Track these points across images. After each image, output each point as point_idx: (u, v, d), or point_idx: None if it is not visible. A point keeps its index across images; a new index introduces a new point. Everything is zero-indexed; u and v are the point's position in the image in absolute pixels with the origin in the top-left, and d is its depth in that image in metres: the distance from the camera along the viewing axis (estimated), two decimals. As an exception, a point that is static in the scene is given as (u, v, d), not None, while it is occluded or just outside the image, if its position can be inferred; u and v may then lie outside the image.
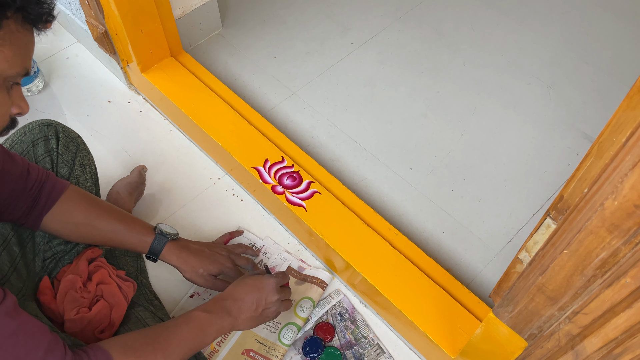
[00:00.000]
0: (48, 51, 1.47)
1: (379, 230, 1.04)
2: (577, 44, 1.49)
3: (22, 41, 0.55)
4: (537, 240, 0.60)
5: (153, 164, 1.25)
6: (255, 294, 0.83)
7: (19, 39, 0.55)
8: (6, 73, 0.55)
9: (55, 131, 0.89)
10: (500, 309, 0.61)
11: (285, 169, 1.11)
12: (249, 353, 0.99)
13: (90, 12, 1.23)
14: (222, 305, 0.81)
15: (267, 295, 0.84)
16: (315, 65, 1.43)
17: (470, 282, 1.08)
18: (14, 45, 0.54)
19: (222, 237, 1.09)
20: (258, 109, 1.33)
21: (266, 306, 0.84)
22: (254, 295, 0.83)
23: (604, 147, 0.47)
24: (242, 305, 0.82)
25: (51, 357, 0.60)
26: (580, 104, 1.36)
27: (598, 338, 0.48)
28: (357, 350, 1.00)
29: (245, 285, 0.84)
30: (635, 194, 0.36)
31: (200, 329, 0.76)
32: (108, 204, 0.89)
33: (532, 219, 1.17)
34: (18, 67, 0.56)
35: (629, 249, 0.40)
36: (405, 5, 1.58)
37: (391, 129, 1.31)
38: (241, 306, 0.82)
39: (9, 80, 0.56)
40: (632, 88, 0.44)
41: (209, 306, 0.80)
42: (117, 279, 0.88)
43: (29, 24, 0.55)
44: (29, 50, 0.57)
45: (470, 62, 1.45)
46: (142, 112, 1.36)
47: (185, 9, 1.37)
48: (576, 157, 1.26)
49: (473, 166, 1.24)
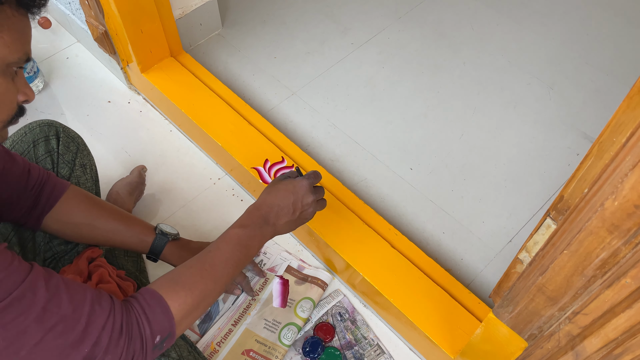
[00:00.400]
0: (48, 51, 1.47)
1: (379, 231, 1.04)
2: (577, 44, 1.49)
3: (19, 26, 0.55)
4: (537, 241, 0.60)
5: (153, 164, 1.25)
6: (290, 197, 0.81)
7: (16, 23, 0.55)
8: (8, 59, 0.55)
9: (55, 131, 0.89)
10: (501, 309, 0.61)
11: (285, 169, 1.11)
12: (249, 353, 0.99)
13: (90, 12, 1.23)
14: (258, 215, 0.78)
15: (303, 197, 0.82)
16: (315, 65, 1.43)
17: (470, 283, 1.08)
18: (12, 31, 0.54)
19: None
20: (258, 109, 1.33)
21: (303, 208, 0.82)
22: (290, 199, 0.81)
23: (604, 147, 0.47)
24: (279, 211, 0.80)
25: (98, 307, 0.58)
26: (580, 104, 1.36)
27: (598, 338, 0.48)
28: (357, 351, 1.00)
29: (278, 190, 0.81)
30: (635, 195, 0.36)
31: (242, 245, 0.75)
32: (109, 204, 0.89)
33: (532, 219, 1.16)
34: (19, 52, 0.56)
35: (629, 250, 0.40)
36: (405, 5, 1.58)
37: (391, 129, 1.31)
38: (278, 212, 0.80)
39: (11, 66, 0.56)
40: (632, 88, 0.44)
41: (245, 220, 0.78)
42: (117, 278, 0.88)
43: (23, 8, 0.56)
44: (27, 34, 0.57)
45: (470, 62, 1.45)
46: (142, 112, 1.36)
47: (185, 9, 1.37)
48: (576, 157, 1.26)
49: (473, 166, 1.24)
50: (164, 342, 0.63)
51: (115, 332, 0.58)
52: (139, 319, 0.61)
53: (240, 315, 1.03)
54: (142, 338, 0.60)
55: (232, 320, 1.02)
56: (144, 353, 0.60)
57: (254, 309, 1.03)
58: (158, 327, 0.62)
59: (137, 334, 0.60)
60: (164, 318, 0.62)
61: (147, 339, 0.60)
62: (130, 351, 0.59)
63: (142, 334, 0.60)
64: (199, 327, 1.02)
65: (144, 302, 0.63)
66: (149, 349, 0.61)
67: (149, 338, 0.61)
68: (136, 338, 0.60)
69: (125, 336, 0.59)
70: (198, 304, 0.67)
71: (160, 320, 0.62)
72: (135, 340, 0.59)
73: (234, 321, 1.02)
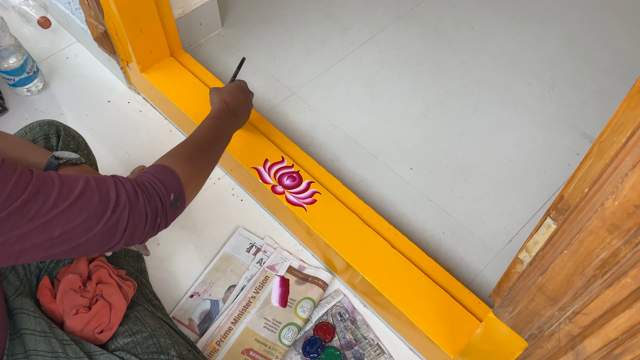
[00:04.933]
0: (48, 51, 1.47)
1: (379, 231, 1.04)
2: (577, 44, 1.49)
3: None
4: (537, 241, 0.60)
5: (153, 164, 1.24)
6: (240, 94, 1.02)
7: None
8: None
9: (56, 130, 0.89)
10: (501, 309, 0.61)
11: (285, 169, 1.11)
12: (249, 352, 0.99)
13: (90, 12, 1.23)
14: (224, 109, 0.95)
15: (246, 91, 1.05)
16: (315, 65, 1.43)
17: (470, 283, 1.08)
18: None
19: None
20: (258, 109, 1.33)
21: (249, 98, 1.06)
22: (240, 94, 1.02)
23: (604, 147, 0.47)
24: (237, 104, 0.99)
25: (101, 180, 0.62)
26: (580, 104, 1.36)
27: (598, 338, 0.48)
28: (357, 351, 1.00)
29: (229, 91, 1.00)
30: (635, 194, 0.36)
31: (219, 130, 0.89)
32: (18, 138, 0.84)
33: (532, 219, 1.16)
34: None
35: (629, 249, 0.40)
36: (405, 5, 1.58)
37: (391, 129, 1.31)
38: (237, 105, 0.99)
39: None
40: (632, 88, 0.44)
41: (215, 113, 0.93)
42: (117, 278, 0.88)
43: None
44: None
45: (470, 62, 1.45)
46: (142, 112, 1.36)
47: (185, 8, 1.37)
48: (576, 157, 1.26)
49: (473, 166, 1.24)
50: (178, 202, 0.69)
51: (130, 191, 0.63)
52: (150, 180, 0.67)
53: (240, 313, 1.03)
54: (159, 194, 0.66)
55: (232, 318, 1.02)
56: (164, 210, 0.66)
57: (253, 307, 1.03)
58: (170, 186, 0.68)
59: (153, 191, 0.66)
60: (172, 178, 0.69)
61: (164, 196, 0.66)
62: (153, 207, 0.65)
63: (158, 191, 0.66)
64: (198, 327, 1.02)
65: (151, 169, 0.70)
66: (168, 206, 0.67)
67: (165, 195, 0.67)
68: (154, 195, 0.65)
69: (142, 194, 0.64)
70: (199, 171, 0.77)
71: (170, 180, 0.69)
72: (154, 198, 0.65)
73: (234, 319, 1.02)
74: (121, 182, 0.63)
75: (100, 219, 0.60)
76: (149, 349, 0.78)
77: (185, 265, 1.10)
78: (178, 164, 0.73)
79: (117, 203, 0.61)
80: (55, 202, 0.56)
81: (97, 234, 0.60)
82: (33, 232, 0.55)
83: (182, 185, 0.70)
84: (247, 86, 1.07)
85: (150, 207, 0.64)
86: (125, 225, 0.62)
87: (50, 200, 0.56)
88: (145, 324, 0.85)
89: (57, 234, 0.57)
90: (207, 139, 0.85)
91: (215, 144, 0.86)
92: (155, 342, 0.79)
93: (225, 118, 0.94)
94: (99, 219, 0.60)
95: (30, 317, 0.76)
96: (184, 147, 0.79)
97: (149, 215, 0.64)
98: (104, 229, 0.60)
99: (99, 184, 0.61)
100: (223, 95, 0.99)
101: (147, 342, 0.79)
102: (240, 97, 1.01)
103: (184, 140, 0.82)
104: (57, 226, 0.57)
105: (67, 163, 0.80)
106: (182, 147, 0.80)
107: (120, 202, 0.62)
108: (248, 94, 1.06)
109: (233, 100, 0.99)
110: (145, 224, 0.64)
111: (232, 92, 1.01)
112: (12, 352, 0.75)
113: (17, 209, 0.53)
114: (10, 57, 1.28)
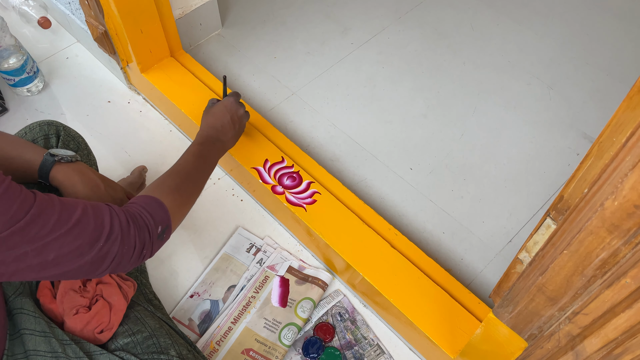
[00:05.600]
0: (48, 51, 1.47)
1: (379, 231, 1.04)
2: (577, 44, 1.49)
3: None
4: (537, 241, 0.60)
5: (153, 164, 1.24)
6: (227, 115, 0.99)
7: None
8: None
9: (56, 130, 0.89)
10: (500, 310, 0.61)
11: (285, 169, 1.11)
12: (249, 352, 0.99)
13: (90, 12, 1.23)
14: (208, 135, 0.95)
15: (236, 111, 1.01)
16: (315, 65, 1.43)
17: (470, 283, 1.08)
18: None
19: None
20: (258, 109, 1.33)
21: (239, 121, 1.02)
22: (227, 116, 0.99)
23: (604, 147, 0.47)
24: (223, 128, 0.98)
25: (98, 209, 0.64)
26: (580, 104, 1.36)
27: (598, 338, 0.48)
28: (357, 351, 1.00)
29: (215, 114, 0.99)
30: (635, 194, 0.36)
31: (203, 157, 0.90)
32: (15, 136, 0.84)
33: (532, 219, 1.16)
34: None
35: (629, 249, 0.40)
36: (405, 5, 1.58)
37: (391, 129, 1.31)
38: (223, 129, 0.98)
39: None
40: (632, 88, 0.44)
41: (200, 139, 0.93)
42: (117, 278, 0.88)
43: None
44: None
45: (470, 62, 1.45)
46: (142, 112, 1.36)
47: (185, 9, 1.37)
48: (576, 157, 1.26)
49: (473, 166, 1.24)
50: (164, 233, 0.72)
51: (123, 222, 0.65)
52: (141, 212, 0.69)
53: (240, 313, 1.03)
54: (148, 227, 0.68)
55: (232, 318, 1.02)
56: (151, 242, 0.69)
57: (253, 307, 1.03)
58: (158, 218, 0.70)
59: (143, 224, 0.68)
60: (160, 210, 0.72)
61: (152, 228, 0.69)
62: (142, 239, 0.67)
63: (147, 223, 0.68)
64: (198, 327, 1.02)
65: (140, 201, 0.71)
66: (155, 237, 0.69)
67: (153, 227, 0.69)
68: (143, 227, 0.68)
69: (133, 226, 0.66)
70: (185, 201, 0.79)
71: (159, 211, 0.71)
72: (143, 230, 0.67)
73: (234, 319, 1.02)
74: (116, 213, 0.65)
75: (93, 247, 0.62)
76: (149, 349, 0.78)
77: (185, 265, 1.10)
78: (165, 195, 0.74)
79: (110, 232, 0.63)
80: (54, 226, 0.58)
81: (88, 262, 0.62)
82: (30, 253, 0.57)
83: (169, 217, 0.73)
84: (236, 102, 1.03)
85: (139, 239, 0.67)
86: (114, 255, 0.64)
87: (49, 224, 0.58)
88: (145, 324, 0.85)
89: (52, 257, 0.59)
90: (192, 167, 0.86)
91: (200, 172, 0.87)
92: (155, 342, 0.79)
93: (210, 144, 0.93)
94: (92, 246, 0.62)
95: (30, 317, 0.76)
96: (170, 177, 0.81)
97: (137, 246, 0.67)
98: (95, 257, 0.62)
99: (95, 212, 0.63)
100: (209, 120, 0.98)
101: (147, 342, 0.79)
102: (225, 120, 0.99)
103: (170, 169, 0.83)
104: (52, 250, 0.58)
105: (62, 160, 0.80)
106: (168, 177, 0.81)
107: (114, 232, 0.64)
108: (237, 110, 1.02)
109: (217, 123, 0.98)
110: (132, 254, 0.66)
111: (217, 114, 0.99)
112: (12, 352, 0.75)
113: (19, 229, 0.55)
114: (11, 57, 1.28)
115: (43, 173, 0.80)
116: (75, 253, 0.60)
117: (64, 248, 0.59)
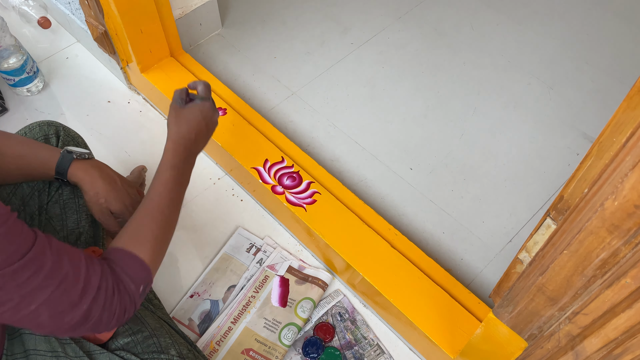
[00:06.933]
0: (48, 51, 1.47)
1: (379, 231, 1.04)
2: (577, 44, 1.49)
3: None
4: (537, 241, 0.60)
5: (153, 164, 1.24)
6: (202, 122, 0.86)
7: None
8: None
9: (55, 130, 0.89)
10: (500, 309, 0.61)
11: (285, 169, 1.11)
12: (249, 352, 0.99)
13: (90, 12, 1.23)
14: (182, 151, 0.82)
15: (212, 117, 0.89)
16: (315, 65, 1.43)
17: (470, 283, 1.08)
18: None
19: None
20: (258, 109, 1.33)
21: (213, 125, 0.90)
22: (202, 124, 0.86)
23: (604, 147, 0.47)
24: (197, 138, 0.85)
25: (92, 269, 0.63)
26: (580, 104, 1.36)
27: (598, 338, 0.48)
28: (357, 351, 1.00)
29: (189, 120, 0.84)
30: (635, 194, 0.36)
31: (178, 183, 0.80)
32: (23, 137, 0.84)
33: (532, 219, 1.16)
34: None
35: (629, 250, 0.40)
36: (405, 5, 1.58)
37: (391, 129, 1.31)
38: (197, 139, 0.85)
39: None
40: (632, 88, 0.44)
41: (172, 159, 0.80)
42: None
43: None
44: None
45: (470, 62, 1.45)
46: (142, 112, 1.36)
47: (185, 9, 1.37)
48: (576, 157, 1.26)
49: (473, 166, 1.24)
50: (145, 289, 0.71)
51: (109, 291, 0.64)
52: (124, 278, 0.67)
53: (239, 312, 1.03)
54: (129, 293, 0.67)
55: (232, 317, 1.02)
56: (133, 304, 0.68)
57: (253, 307, 1.03)
58: (139, 280, 0.69)
59: (124, 290, 0.67)
60: (141, 270, 0.70)
61: (133, 293, 0.68)
62: (123, 306, 0.66)
63: (128, 289, 0.67)
64: (198, 327, 1.02)
65: (122, 262, 0.69)
66: (137, 298, 0.69)
67: (134, 291, 0.68)
68: (124, 294, 0.66)
69: (117, 294, 0.65)
70: (161, 246, 0.75)
71: (140, 273, 0.69)
72: (124, 296, 0.66)
73: (234, 318, 1.02)
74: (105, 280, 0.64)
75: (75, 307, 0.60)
76: (149, 349, 0.78)
77: (185, 265, 1.10)
78: (143, 248, 0.71)
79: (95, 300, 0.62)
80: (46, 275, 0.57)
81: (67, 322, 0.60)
82: (15, 298, 0.55)
83: (150, 273, 0.71)
84: (212, 107, 0.90)
85: (120, 306, 0.65)
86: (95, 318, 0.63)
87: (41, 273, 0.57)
88: (146, 323, 0.85)
89: (33, 307, 0.57)
90: (168, 201, 0.78)
91: (176, 203, 0.80)
92: (155, 342, 0.79)
93: (185, 163, 0.82)
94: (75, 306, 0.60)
95: (29, 317, 0.76)
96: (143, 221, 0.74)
97: (117, 313, 0.65)
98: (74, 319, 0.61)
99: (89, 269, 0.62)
100: (181, 128, 0.83)
101: (147, 342, 0.79)
102: (200, 128, 0.85)
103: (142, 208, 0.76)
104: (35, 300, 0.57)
105: (80, 157, 0.82)
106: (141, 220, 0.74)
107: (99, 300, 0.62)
108: (212, 116, 0.89)
109: (192, 134, 0.83)
110: (111, 320, 0.65)
111: (191, 122, 0.84)
112: (12, 351, 0.75)
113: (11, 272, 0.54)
114: (11, 57, 1.28)
115: (61, 170, 0.81)
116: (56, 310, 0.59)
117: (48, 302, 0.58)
